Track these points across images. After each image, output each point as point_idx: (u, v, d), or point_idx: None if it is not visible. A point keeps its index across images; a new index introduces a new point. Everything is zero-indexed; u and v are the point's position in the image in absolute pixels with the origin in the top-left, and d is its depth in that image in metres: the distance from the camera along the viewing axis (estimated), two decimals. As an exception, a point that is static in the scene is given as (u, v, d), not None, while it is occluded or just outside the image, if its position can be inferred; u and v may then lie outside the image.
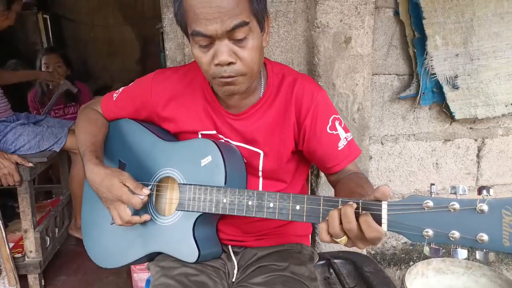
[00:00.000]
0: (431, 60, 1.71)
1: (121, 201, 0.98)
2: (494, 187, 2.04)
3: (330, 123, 1.03)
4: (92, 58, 6.02)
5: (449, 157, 1.96)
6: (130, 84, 1.17)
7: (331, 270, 1.35)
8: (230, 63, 0.89)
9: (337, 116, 1.05)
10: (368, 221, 0.72)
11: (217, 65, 0.89)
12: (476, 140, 1.97)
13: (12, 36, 4.66)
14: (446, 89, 1.74)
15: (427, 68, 1.72)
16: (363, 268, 1.33)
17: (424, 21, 1.69)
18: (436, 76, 1.72)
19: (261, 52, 0.95)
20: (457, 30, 1.72)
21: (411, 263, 1.98)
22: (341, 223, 0.75)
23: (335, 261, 1.37)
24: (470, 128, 1.93)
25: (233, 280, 1.09)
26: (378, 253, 2.00)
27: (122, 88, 1.18)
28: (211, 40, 0.87)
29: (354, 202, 0.76)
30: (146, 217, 1.02)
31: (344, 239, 0.76)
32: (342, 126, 1.06)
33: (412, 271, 1.50)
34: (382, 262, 2.00)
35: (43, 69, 2.90)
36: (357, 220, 0.74)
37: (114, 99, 1.18)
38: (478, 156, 1.99)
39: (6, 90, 2.38)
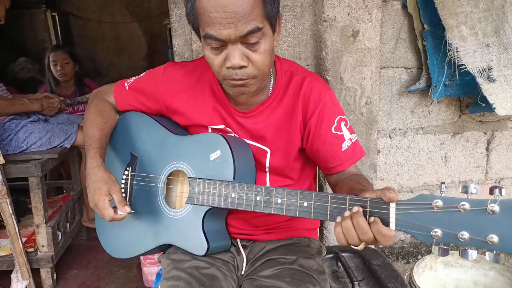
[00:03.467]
0: (457, 52, 1.61)
1: (97, 207, 1.00)
2: (504, 180, 2.02)
3: (335, 124, 1.03)
4: (100, 55, 6.06)
5: (458, 150, 1.94)
6: (142, 74, 1.18)
7: (339, 264, 1.36)
8: (242, 67, 0.89)
9: (343, 117, 1.05)
10: (381, 231, 0.72)
11: (228, 68, 0.89)
12: (485, 133, 1.95)
13: (21, 34, 4.71)
14: (480, 81, 1.62)
15: (453, 60, 1.62)
16: (371, 262, 1.33)
17: (442, 12, 1.61)
18: (465, 68, 1.62)
19: (273, 53, 0.95)
20: (486, 19, 1.60)
21: (419, 256, 1.98)
22: (356, 231, 0.75)
23: (343, 254, 1.38)
24: (479, 121, 1.92)
25: (242, 273, 1.10)
26: (386, 247, 2.00)
27: (134, 77, 1.19)
28: (224, 43, 0.87)
29: (362, 199, 0.76)
30: (125, 211, 1.00)
31: (362, 245, 0.77)
32: (348, 127, 1.05)
33: (420, 265, 1.50)
34: (390, 256, 2.00)
35: (51, 66, 2.93)
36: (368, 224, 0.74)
37: (127, 88, 1.18)
38: (487, 149, 1.97)
39: (17, 87, 2.41)
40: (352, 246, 0.78)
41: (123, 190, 1.07)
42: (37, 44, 4.80)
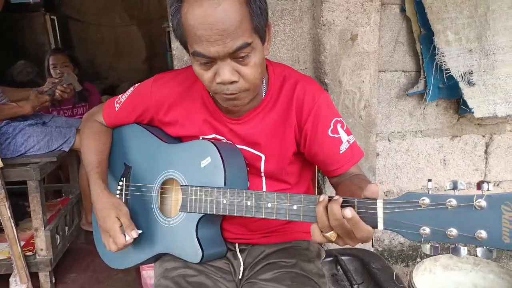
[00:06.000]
0: (443, 56, 1.67)
1: (109, 235, 1.02)
2: (503, 183, 2.02)
3: (331, 126, 1.02)
4: (99, 58, 6.06)
5: (456, 153, 1.95)
6: (130, 91, 1.17)
7: (339, 267, 1.36)
8: (232, 82, 0.89)
9: (339, 119, 1.04)
10: (356, 222, 0.72)
11: (219, 83, 0.89)
12: (484, 136, 1.95)
13: (20, 37, 4.72)
14: (462, 85, 1.69)
15: (439, 64, 1.68)
16: (371, 265, 1.33)
17: (431, 17, 1.66)
18: (450, 72, 1.67)
19: (263, 64, 0.95)
20: (470, 25, 1.67)
21: (419, 259, 1.98)
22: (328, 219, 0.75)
23: (343, 257, 1.38)
24: (478, 124, 1.92)
25: (240, 277, 1.10)
26: (385, 250, 2.00)
27: (123, 97, 1.18)
28: (213, 59, 0.87)
29: (350, 200, 0.75)
30: (132, 235, 1.02)
31: (333, 234, 0.76)
32: (344, 128, 1.05)
33: (419, 268, 1.50)
34: (389, 259, 2.00)
35: (51, 69, 2.93)
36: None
37: (116, 109, 1.18)
38: (486, 152, 1.97)
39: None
40: (325, 235, 0.76)
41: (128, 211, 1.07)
42: (36, 47, 4.80)
